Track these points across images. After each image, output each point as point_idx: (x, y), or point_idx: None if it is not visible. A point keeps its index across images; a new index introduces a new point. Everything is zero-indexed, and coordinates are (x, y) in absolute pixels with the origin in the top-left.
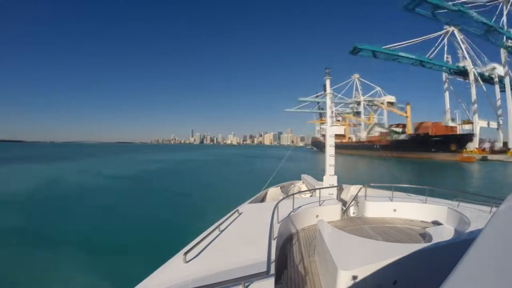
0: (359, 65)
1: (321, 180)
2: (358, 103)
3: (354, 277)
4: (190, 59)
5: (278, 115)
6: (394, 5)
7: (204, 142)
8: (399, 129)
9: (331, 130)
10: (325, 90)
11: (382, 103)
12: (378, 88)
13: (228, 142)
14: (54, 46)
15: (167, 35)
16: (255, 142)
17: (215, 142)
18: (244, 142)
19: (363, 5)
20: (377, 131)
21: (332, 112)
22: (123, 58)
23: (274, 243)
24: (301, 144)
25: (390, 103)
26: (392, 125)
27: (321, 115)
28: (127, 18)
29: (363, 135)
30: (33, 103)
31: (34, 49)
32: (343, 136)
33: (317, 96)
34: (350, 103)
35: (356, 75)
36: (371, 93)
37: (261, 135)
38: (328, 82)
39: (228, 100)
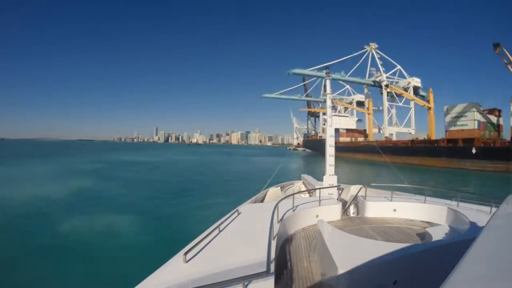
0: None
1: (321, 180)
2: (378, 84)
3: (354, 277)
4: (163, 55)
5: (246, 113)
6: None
7: (169, 140)
8: (495, 117)
9: (331, 130)
10: (325, 90)
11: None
12: (398, 67)
13: (194, 141)
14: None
15: (167, 32)
16: (222, 141)
17: (180, 140)
18: (211, 141)
19: (363, 5)
20: (470, 120)
21: (331, 111)
22: (88, 54)
23: (274, 243)
24: (269, 143)
25: (416, 88)
26: (485, 109)
27: (309, 104)
28: (124, 16)
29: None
30: None
31: None
32: (359, 132)
33: (319, 70)
34: (365, 84)
35: (373, 45)
36: (390, 72)
37: (228, 134)
38: (328, 83)
39: (194, 99)
